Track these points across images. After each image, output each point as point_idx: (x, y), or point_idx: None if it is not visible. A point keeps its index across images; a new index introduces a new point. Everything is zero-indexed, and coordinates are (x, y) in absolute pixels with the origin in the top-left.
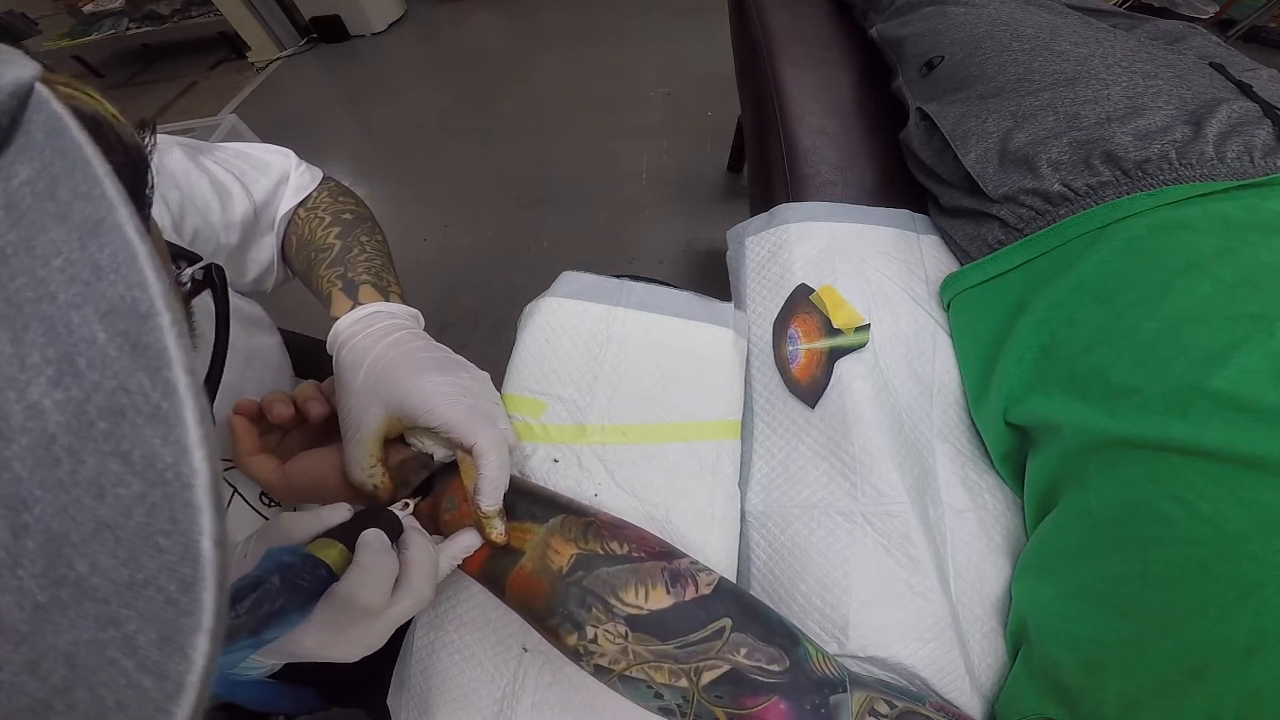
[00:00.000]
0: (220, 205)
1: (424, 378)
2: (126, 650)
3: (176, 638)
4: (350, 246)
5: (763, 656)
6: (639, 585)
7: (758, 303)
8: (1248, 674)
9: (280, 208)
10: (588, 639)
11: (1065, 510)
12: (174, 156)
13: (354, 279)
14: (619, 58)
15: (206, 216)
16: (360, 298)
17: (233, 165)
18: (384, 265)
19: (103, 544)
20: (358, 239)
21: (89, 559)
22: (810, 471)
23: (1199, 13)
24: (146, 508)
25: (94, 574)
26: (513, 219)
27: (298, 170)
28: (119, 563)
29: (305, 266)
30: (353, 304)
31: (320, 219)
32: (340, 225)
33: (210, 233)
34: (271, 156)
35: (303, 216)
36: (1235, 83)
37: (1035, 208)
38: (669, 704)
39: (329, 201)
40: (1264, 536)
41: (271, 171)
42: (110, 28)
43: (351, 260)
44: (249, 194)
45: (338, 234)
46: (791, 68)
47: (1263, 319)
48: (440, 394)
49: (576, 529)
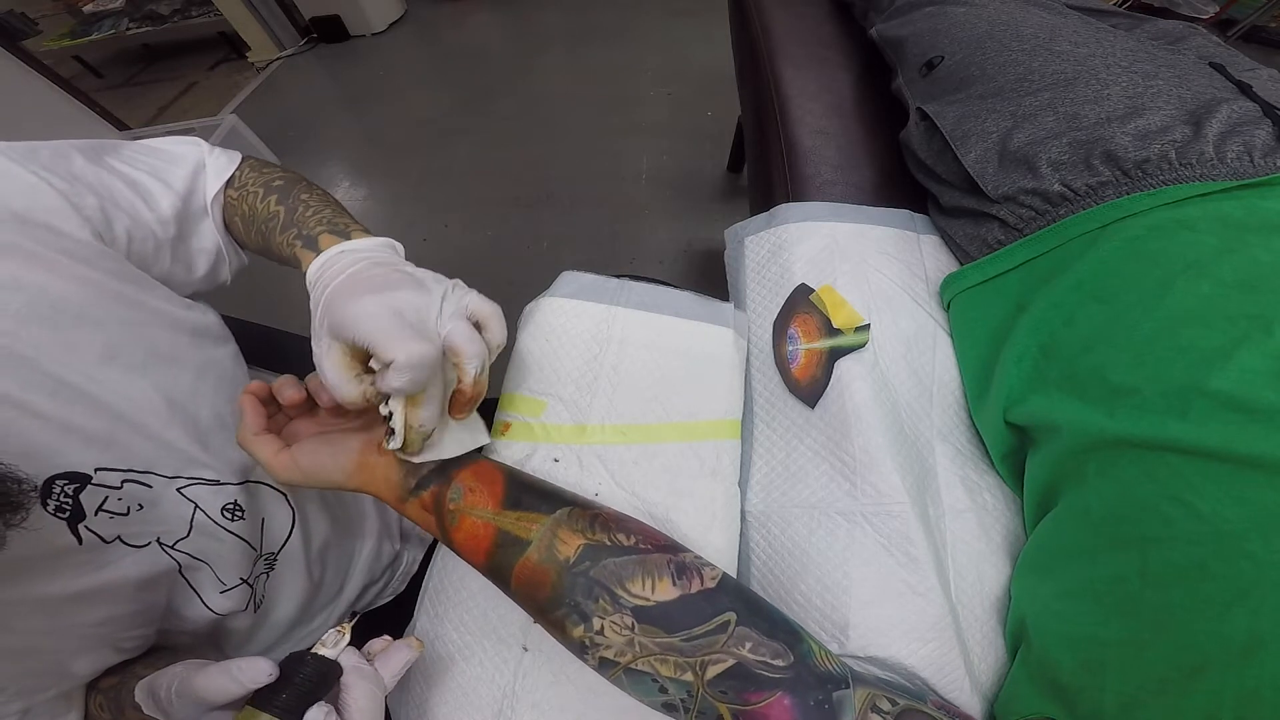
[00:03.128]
0: (144, 203)
1: (357, 301)
2: None
3: None
4: (295, 207)
5: (767, 651)
6: (645, 576)
7: (758, 303)
8: (1246, 673)
9: (207, 193)
10: (594, 630)
11: (1064, 510)
12: (78, 163)
13: (309, 234)
14: (619, 58)
15: (135, 215)
16: (321, 246)
17: (143, 163)
18: (335, 211)
19: None
20: (298, 198)
21: None
22: (810, 471)
23: (1199, 13)
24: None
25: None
26: (513, 219)
27: (213, 155)
28: None
29: (261, 242)
30: (315, 253)
31: (254, 193)
32: (276, 193)
33: (144, 230)
34: (181, 147)
35: (234, 197)
36: (1235, 83)
37: (1035, 207)
38: (673, 698)
39: (255, 176)
40: (1262, 536)
41: (185, 161)
42: (110, 28)
43: (300, 219)
44: (169, 186)
45: (277, 200)
46: (791, 68)
47: (1262, 319)
48: (365, 314)
49: (583, 520)
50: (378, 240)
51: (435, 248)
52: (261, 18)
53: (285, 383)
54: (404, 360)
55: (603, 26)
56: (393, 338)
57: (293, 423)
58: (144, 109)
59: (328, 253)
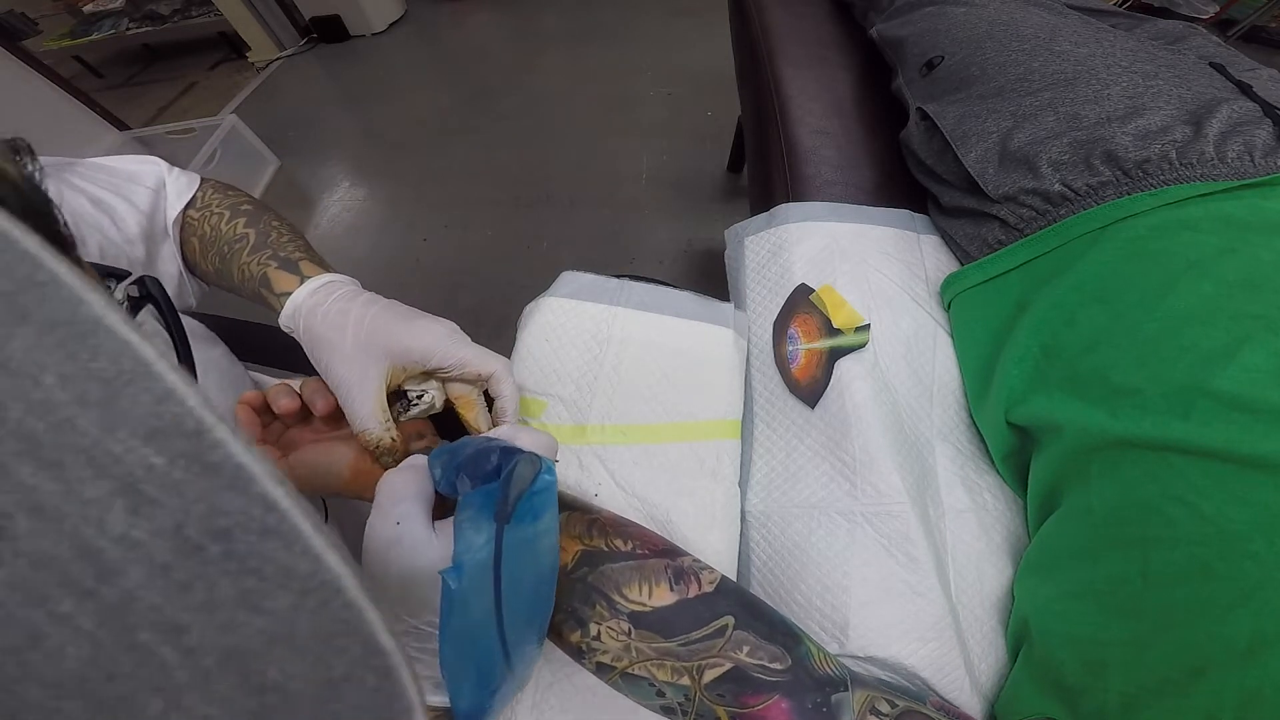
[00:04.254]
0: (110, 221)
1: (419, 324)
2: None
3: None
4: (267, 232)
5: (765, 655)
6: (643, 582)
7: (758, 303)
8: (1248, 674)
9: (168, 214)
10: (591, 636)
11: (1067, 510)
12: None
13: (289, 257)
14: (619, 58)
15: (105, 233)
16: (305, 271)
17: (103, 181)
18: (308, 245)
19: (282, 652)
20: (269, 224)
21: (277, 666)
22: (810, 471)
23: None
24: (308, 616)
25: (289, 679)
26: (513, 219)
27: (173, 175)
28: (308, 666)
29: (218, 264)
30: (299, 278)
31: (219, 214)
32: (244, 216)
33: (115, 249)
34: (139, 166)
35: (195, 217)
36: (1235, 83)
37: (1035, 207)
38: (671, 702)
39: (219, 197)
40: (1265, 537)
41: (145, 180)
42: (110, 28)
43: (275, 243)
44: (133, 205)
45: (246, 223)
46: (791, 68)
47: (1265, 318)
48: (443, 335)
49: (581, 525)
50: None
51: (435, 248)
52: (261, 18)
53: (279, 391)
54: (503, 368)
55: (603, 26)
56: (483, 354)
57: (289, 431)
58: (144, 109)
59: (317, 280)
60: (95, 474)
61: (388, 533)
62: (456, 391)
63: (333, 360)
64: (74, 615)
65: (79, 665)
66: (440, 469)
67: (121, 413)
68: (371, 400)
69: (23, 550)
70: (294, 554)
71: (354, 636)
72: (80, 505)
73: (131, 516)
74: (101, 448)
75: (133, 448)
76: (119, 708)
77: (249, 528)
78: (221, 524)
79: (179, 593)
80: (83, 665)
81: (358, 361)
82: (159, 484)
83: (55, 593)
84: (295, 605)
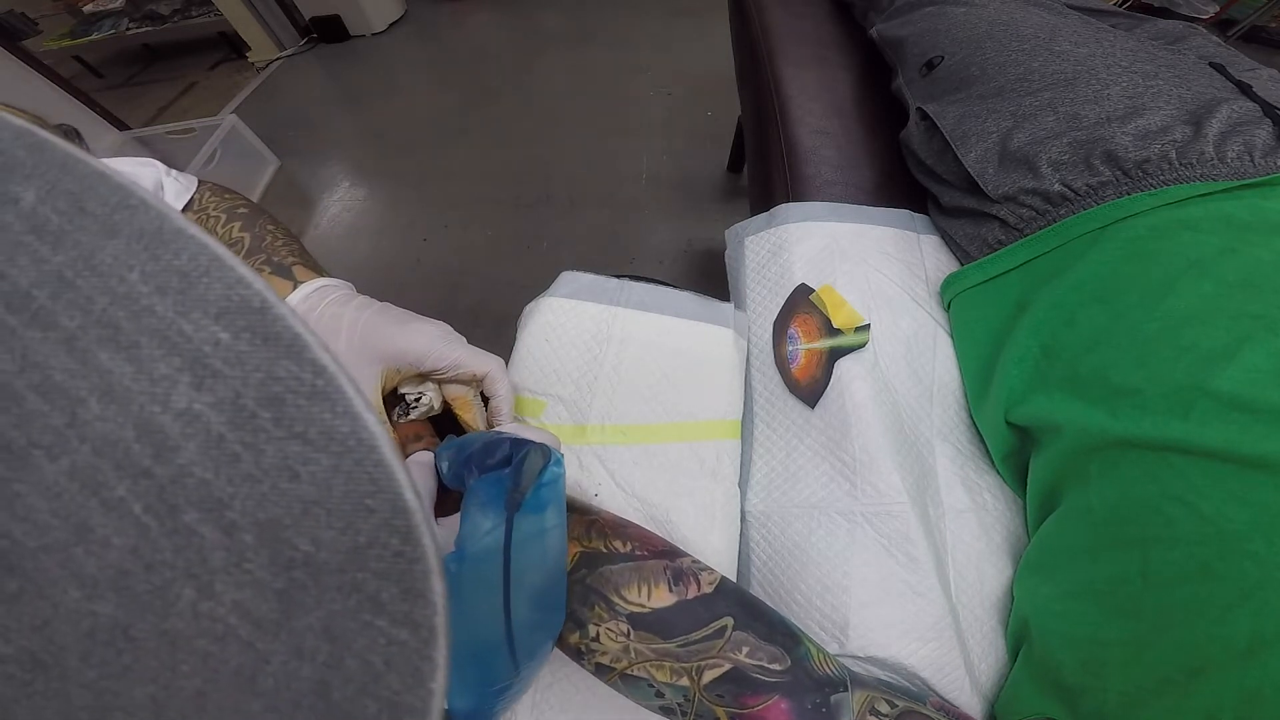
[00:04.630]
0: None
1: (413, 326)
2: (375, 610)
3: (415, 585)
4: (262, 236)
5: (764, 655)
6: (642, 583)
7: (758, 303)
8: (1247, 674)
9: None
10: (589, 637)
11: (1066, 510)
12: None
13: (282, 262)
14: (619, 58)
15: None
16: (298, 276)
17: None
18: (303, 249)
19: (316, 520)
20: (265, 228)
21: (309, 537)
22: (810, 471)
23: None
24: (344, 477)
25: (319, 550)
26: (513, 219)
27: (170, 177)
28: (338, 533)
29: None
30: (293, 283)
31: (215, 218)
32: (240, 219)
33: None
34: (135, 168)
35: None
36: (1235, 83)
37: (1035, 207)
38: (670, 703)
39: (216, 200)
40: (1265, 537)
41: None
42: (110, 28)
43: (270, 247)
44: None
45: (241, 227)
46: (791, 68)
47: (1265, 319)
48: (438, 337)
49: (579, 527)
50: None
51: (435, 248)
52: (261, 18)
53: None
54: (498, 367)
55: (603, 26)
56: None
57: None
58: (144, 109)
59: (311, 284)
60: (167, 352)
61: None
62: (453, 392)
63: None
64: (126, 499)
65: (120, 556)
66: (448, 462)
67: (198, 297)
68: (374, 396)
69: (89, 435)
70: (337, 415)
71: (383, 496)
72: (149, 384)
73: (194, 391)
74: (175, 328)
75: (203, 326)
76: (152, 600)
77: (299, 391)
78: (275, 390)
79: (229, 464)
80: (124, 556)
81: (351, 365)
82: (224, 357)
83: (111, 477)
84: (334, 467)
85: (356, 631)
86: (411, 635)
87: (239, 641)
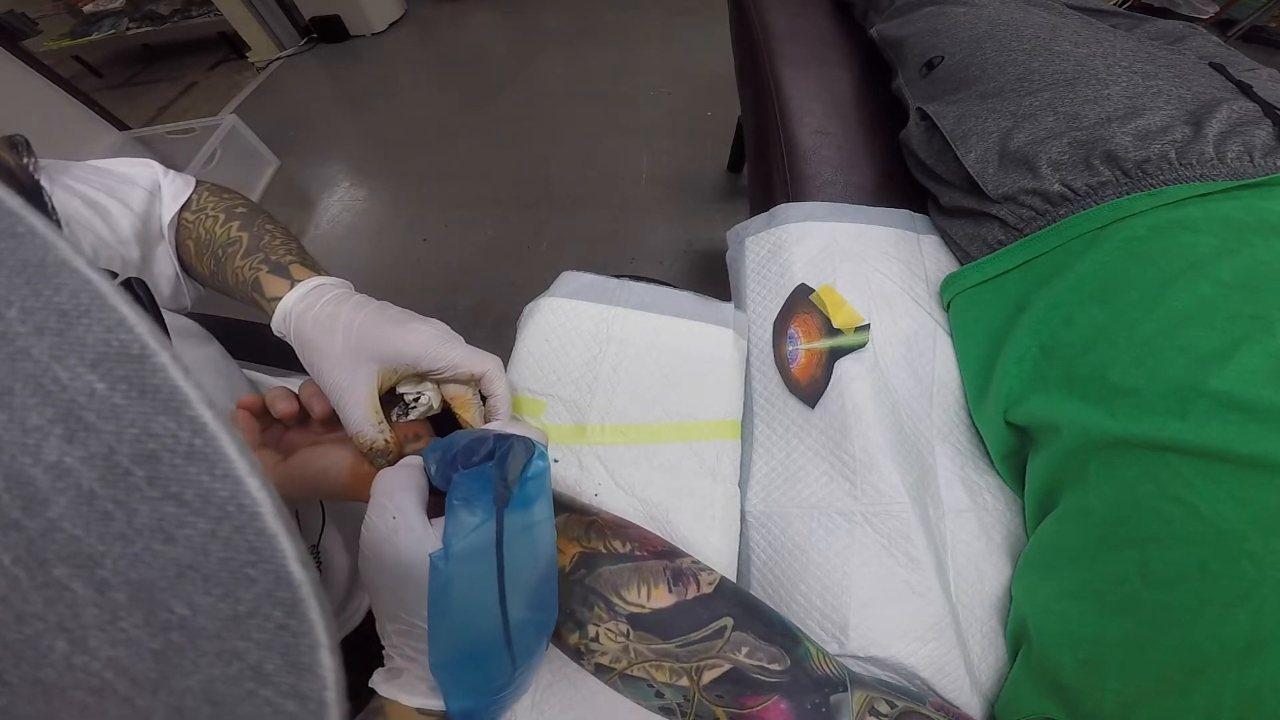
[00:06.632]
0: (103, 222)
1: (409, 326)
2: (259, 680)
3: (301, 659)
4: (260, 235)
5: (764, 656)
6: (641, 584)
7: (758, 303)
8: (1246, 674)
9: (164, 216)
10: (589, 637)
11: (1065, 510)
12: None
13: (279, 261)
14: (619, 58)
15: (98, 233)
16: (295, 275)
17: (96, 183)
18: (301, 249)
19: (192, 584)
20: (263, 228)
21: (185, 601)
22: (810, 471)
23: (1199, 13)
24: (221, 544)
25: (196, 614)
26: (513, 219)
27: (167, 178)
28: (215, 600)
29: (213, 266)
30: (289, 282)
31: (214, 217)
32: (238, 219)
33: (109, 250)
34: (133, 169)
35: (191, 220)
36: (1235, 83)
37: (1035, 208)
38: (670, 703)
39: (215, 200)
40: (1263, 536)
41: (140, 182)
42: (110, 28)
43: (268, 246)
44: (127, 207)
45: (239, 226)
46: (791, 68)
47: (1262, 319)
48: (434, 337)
49: (579, 527)
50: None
51: (435, 248)
52: (261, 18)
53: (278, 395)
54: (495, 366)
55: (603, 26)
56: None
57: (288, 434)
58: (144, 109)
59: (308, 283)
60: (40, 401)
61: (384, 527)
62: (452, 392)
63: (324, 364)
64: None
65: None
66: (435, 463)
67: (75, 340)
68: (364, 403)
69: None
70: (215, 477)
71: (264, 566)
72: (21, 434)
73: (66, 444)
74: (50, 375)
75: (79, 374)
76: (24, 652)
77: (176, 450)
78: (150, 447)
79: (100, 521)
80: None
81: (348, 365)
82: (98, 410)
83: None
84: (210, 532)
85: (240, 698)
86: (299, 708)
87: (117, 696)
